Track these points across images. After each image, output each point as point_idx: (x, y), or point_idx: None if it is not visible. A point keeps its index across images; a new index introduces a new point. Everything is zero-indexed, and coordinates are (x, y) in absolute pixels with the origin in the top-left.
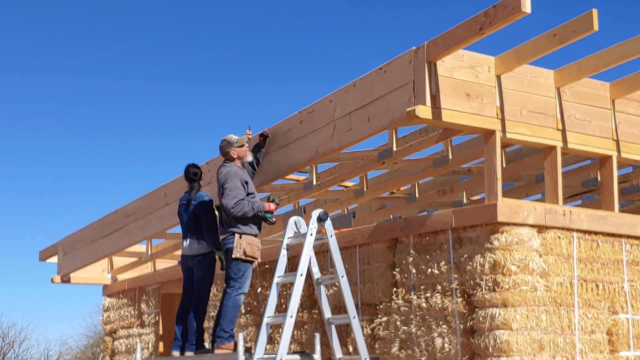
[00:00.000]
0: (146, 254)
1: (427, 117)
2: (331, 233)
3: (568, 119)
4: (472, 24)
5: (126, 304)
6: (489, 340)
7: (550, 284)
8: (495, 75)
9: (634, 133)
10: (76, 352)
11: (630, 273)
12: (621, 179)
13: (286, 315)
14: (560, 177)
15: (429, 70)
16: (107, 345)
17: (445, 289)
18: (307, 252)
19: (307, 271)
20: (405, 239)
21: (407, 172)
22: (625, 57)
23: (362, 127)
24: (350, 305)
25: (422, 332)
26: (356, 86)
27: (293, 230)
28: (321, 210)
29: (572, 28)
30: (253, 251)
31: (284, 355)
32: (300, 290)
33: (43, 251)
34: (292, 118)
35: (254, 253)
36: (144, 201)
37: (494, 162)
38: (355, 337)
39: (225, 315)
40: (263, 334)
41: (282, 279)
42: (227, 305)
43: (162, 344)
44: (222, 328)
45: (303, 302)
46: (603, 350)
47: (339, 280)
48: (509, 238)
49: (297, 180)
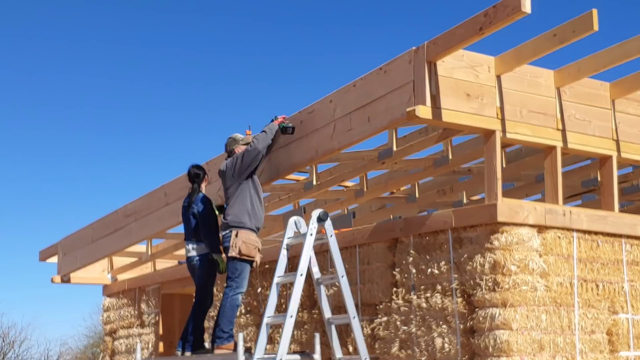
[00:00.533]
0: (146, 254)
1: (427, 117)
2: (331, 233)
3: (568, 119)
4: (472, 24)
5: (126, 304)
6: (489, 340)
7: (550, 284)
8: (495, 75)
9: (634, 133)
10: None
11: (630, 273)
12: (621, 179)
13: (286, 315)
14: (560, 177)
15: (429, 70)
16: (107, 345)
17: (445, 289)
18: (307, 252)
19: (307, 271)
20: (405, 239)
21: (407, 172)
22: (625, 57)
23: (362, 127)
24: (350, 305)
25: (422, 332)
26: (356, 86)
27: (293, 230)
28: (321, 210)
29: (572, 28)
30: (249, 250)
31: (284, 355)
32: (300, 290)
33: (43, 251)
34: (292, 118)
35: (249, 252)
36: (144, 201)
37: (494, 162)
38: (355, 337)
39: (224, 316)
40: (263, 333)
41: (282, 279)
42: (224, 305)
43: (162, 344)
44: (220, 328)
45: (303, 302)
46: (603, 350)
47: (339, 280)
48: (509, 238)
49: (297, 180)
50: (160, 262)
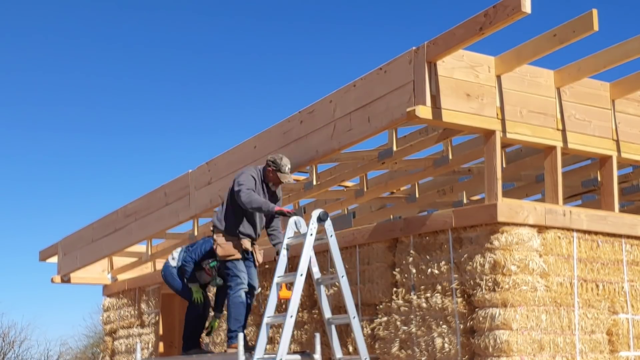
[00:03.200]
0: (146, 254)
1: (427, 117)
2: (331, 233)
3: (568, 119)
4: (472, 24)
5: (126, 304)
6: (489, 340)
7: (550, 284)
8: (495, 75)
9: (634, 133)
10: (76, 352)
11: (630, 273)
12: (621, 179)
13: (286, 315)
14: (560, 177)
15: (429, 70)
16: (107, 345)
17: (445, 289)
18: (307, 252)
19: (307, 271)
20: (405, 239)
21: (407, 172)
22: (625, 57)
23: (362, 127)
24: (350, 305)
25: (422, 332)
26: (356, 86)
27: (293, 230)
28: (321, 210)
29: (572, 28)
30: (225, 251)
31: (284, 355)
32: (300, 290)
33: (43, 251)
34: (292, 118)
35: (227, 252)
36: (144, 201)
37: (494, 162)
38: (355, 337)
39: (230, 315)
40: (263, 334)
41: (282, 279)
42: (229, 305)
43: (162, 344)
44: (229, 328)
45: (303, 302)
46: (603, 351)
47: (339, 280)
48: (509, 238)
49: (297, 180)
50: (160, 262)
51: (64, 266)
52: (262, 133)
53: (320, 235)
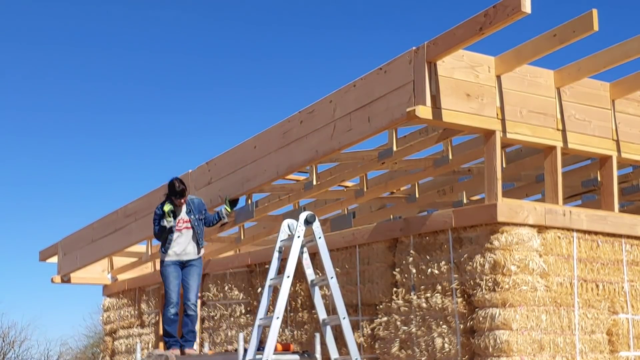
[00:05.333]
0: (146, 254)
1: (427, 117)
2: (320, 235)
3: (568, 119)
4: (472, 24)
5: (126, 304)
6: (489, 340)
7: (550, 284)
8: (495, 75)
9: (634, 133)
10: (76, 352)
11: (630, 273)
12: (621, 179)
13: (272, 317)
14: (560, 177)
15: (429, 70)
16: (107, 345)
17: (445, 289)
18: (294, 254)
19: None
20: (405, 239)
21: (407, 172)
22: (625, 57)
23: (362, 127)
24: (340, 307)
25: (422, 332)
26: (356, 86)
27: (286, 233)
28: (309, 212)
29: (572, 28)
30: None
31: (270, 355)
32: (287, 292)
33: (43, 251)
34: (292, 118)
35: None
36: (144, 201)
37: (494, 162)
38: (345, 337)
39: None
40: (254, 335)
41: (274, 281)
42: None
43: (162, 344)
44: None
45: (303, 302)
46: (603, 351)
47: (329, 282)
48: (509, 238)
49: (297, 180)
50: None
51: (64, 266)
52: (262, 133)
53: (310, 237)
